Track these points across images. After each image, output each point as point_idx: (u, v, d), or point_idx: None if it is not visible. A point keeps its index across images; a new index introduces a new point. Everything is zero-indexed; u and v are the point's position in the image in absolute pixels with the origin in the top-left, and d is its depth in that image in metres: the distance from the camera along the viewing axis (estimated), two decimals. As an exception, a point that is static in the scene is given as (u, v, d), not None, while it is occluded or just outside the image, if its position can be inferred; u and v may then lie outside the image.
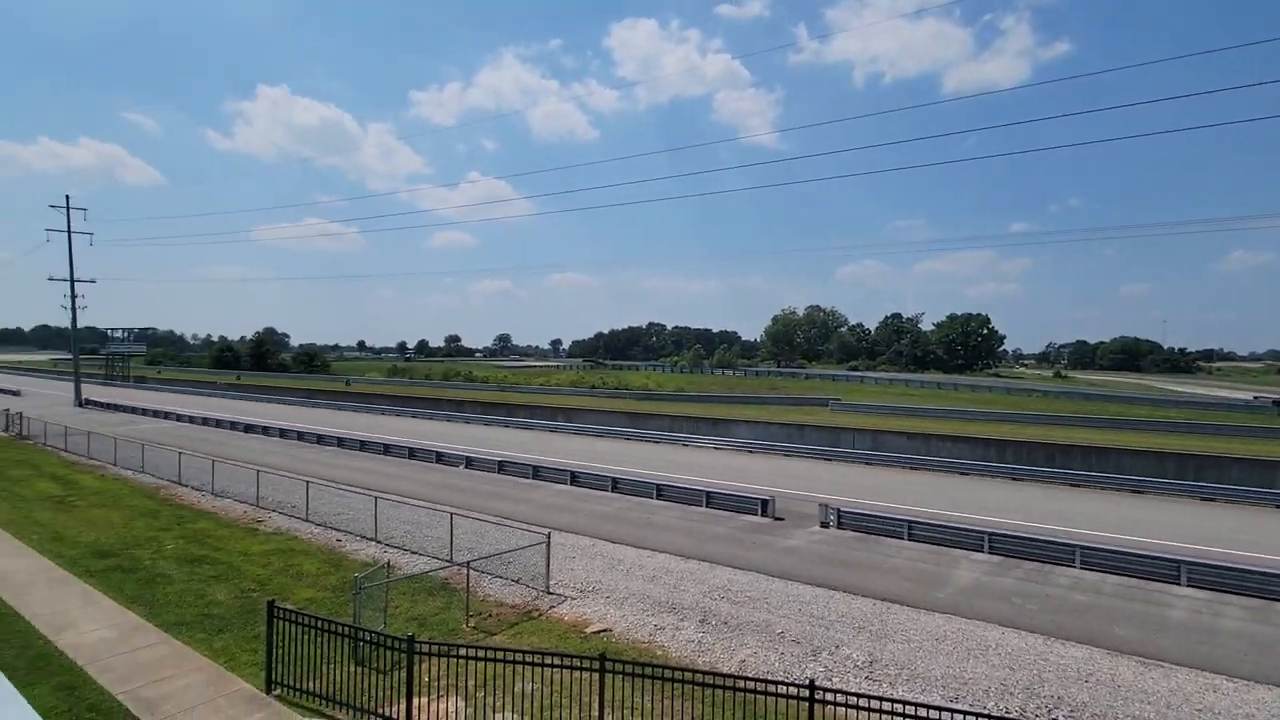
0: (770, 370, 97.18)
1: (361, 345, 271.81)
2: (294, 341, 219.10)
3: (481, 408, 53.22)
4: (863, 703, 7.15)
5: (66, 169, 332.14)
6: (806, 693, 7.43)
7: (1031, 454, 31.73)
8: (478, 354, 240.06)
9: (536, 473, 27.44)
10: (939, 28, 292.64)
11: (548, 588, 14.33)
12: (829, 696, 7.57)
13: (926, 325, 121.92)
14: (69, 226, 53.76)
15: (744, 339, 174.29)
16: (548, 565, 14.51)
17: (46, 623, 12.05)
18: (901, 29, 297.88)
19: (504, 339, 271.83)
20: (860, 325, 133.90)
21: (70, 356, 64.26)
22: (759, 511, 21.51)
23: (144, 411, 50.59)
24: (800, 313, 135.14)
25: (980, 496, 24.81)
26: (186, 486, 24.31)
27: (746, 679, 8.15)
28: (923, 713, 6.90)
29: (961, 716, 6.90)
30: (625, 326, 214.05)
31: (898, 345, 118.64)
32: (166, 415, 48.79)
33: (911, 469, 30.72)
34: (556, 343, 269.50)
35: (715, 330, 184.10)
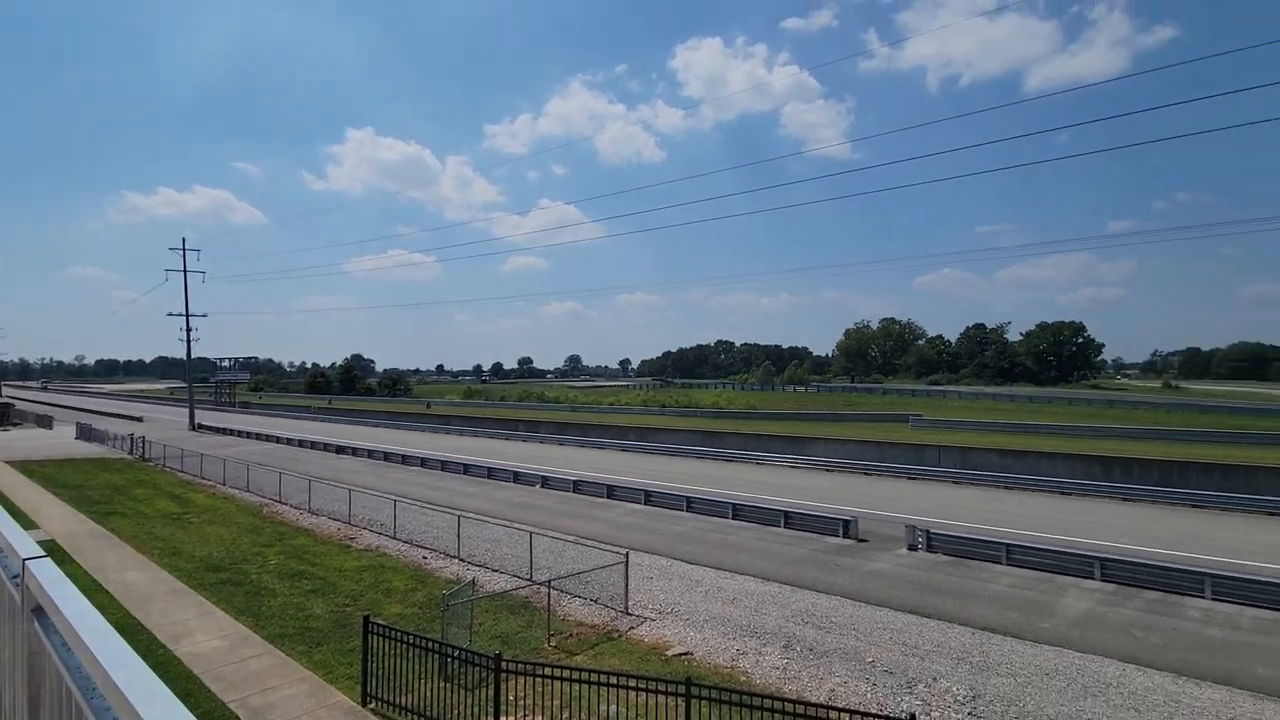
0: (844, 386, 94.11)
1: (440, 369, 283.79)
2: (379, 366, 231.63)
3: (554, 428, 54.17)
4: (971, 741, 6.63)
5: (183, 213, 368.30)
6: (907, 728, 6.98)
7: (1143, 471, 29.08)
8: (549, 375, 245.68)
9: (611, 492, 27.52)
10: (1020, 23, 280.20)
11: (626, 608, 14.23)
12: (932, 733, 7.07)
13: (1013, 335, 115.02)
14: (184, 266, 59.17)
15: (815, 354, 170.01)
16: (626, 585, 14.44)
17: (166, 632, 13.01)
18: (980, 28, 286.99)
19: (574, 360, 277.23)
20: (940, 337, 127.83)
21: (185, 384, 70.30)
22: (840, 533, 20.67)
23: (248, 434, 54.46)
24: (874, 325, 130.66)
25: (1086, 518, 22.91)
26: (286, 505, 25.86)
27: (840, 709, 7.76)
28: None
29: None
30: (693, 345, 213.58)
31: (981, 357, 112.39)
32: (268, 437, 52.32)
33: (1005, 488, 28.79)
34: (625, 362, 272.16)
35: (785, 346, 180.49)
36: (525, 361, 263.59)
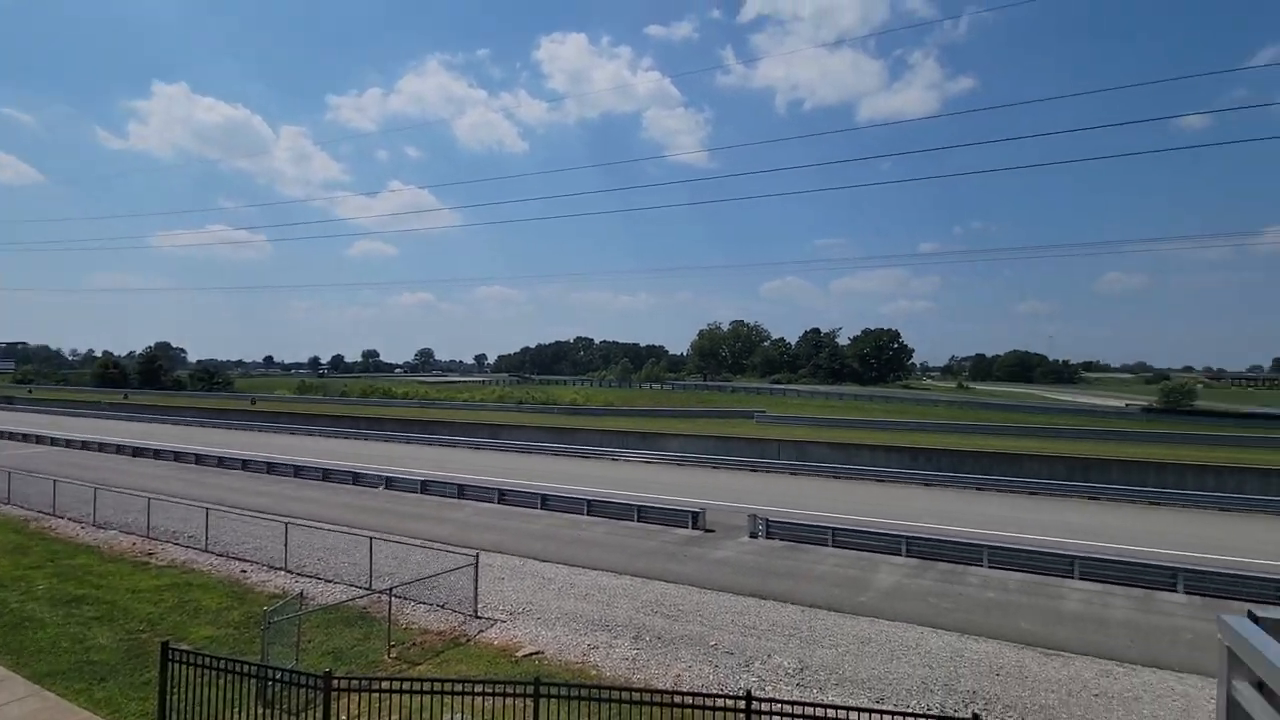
0: (696, 384, 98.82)
1: (269, 360, 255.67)
2: (192, 357, 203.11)
3: (401, 425, 51.08)
4: (797, 710, 7.24)
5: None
6: (743, 704, 7.45)
7: (940, 460, 33.67)
8: (397, 370, 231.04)
9: (462, 492, 26.50)
10: (854, 59, 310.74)
11: (476, 611, 13.78)
12: (764, 706, 7.62)
13: (843, 340, 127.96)
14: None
15: (671, 353, 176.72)
16: (475, 588, 13.97)
17: (-118, 682, 10.41)
18: (821, 58, 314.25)
19: (426, 354, 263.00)
20: (782, 339, 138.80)
21: (-81, 375, 56.69)
22: (690, 524, 21.64)
23: (11, 436, 45.29)
24: (725, 327, 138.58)
25: (898, 502, 26.03)
26: (63, 518, 21.85)
27: (682, 694, 8.09)
28: (853, 716, 7.06)
29: (889, 718, 7.11)
30: (552, 341, 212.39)
31: (817, 359, 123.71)
32: (39, 439, 43.88)
33: (834, 478, 31.87)
34: (481, 358, 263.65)
35: (643, 344, 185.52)
36: (371, 355, 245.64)
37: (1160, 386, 73.00)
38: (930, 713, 9.63)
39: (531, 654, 11.97)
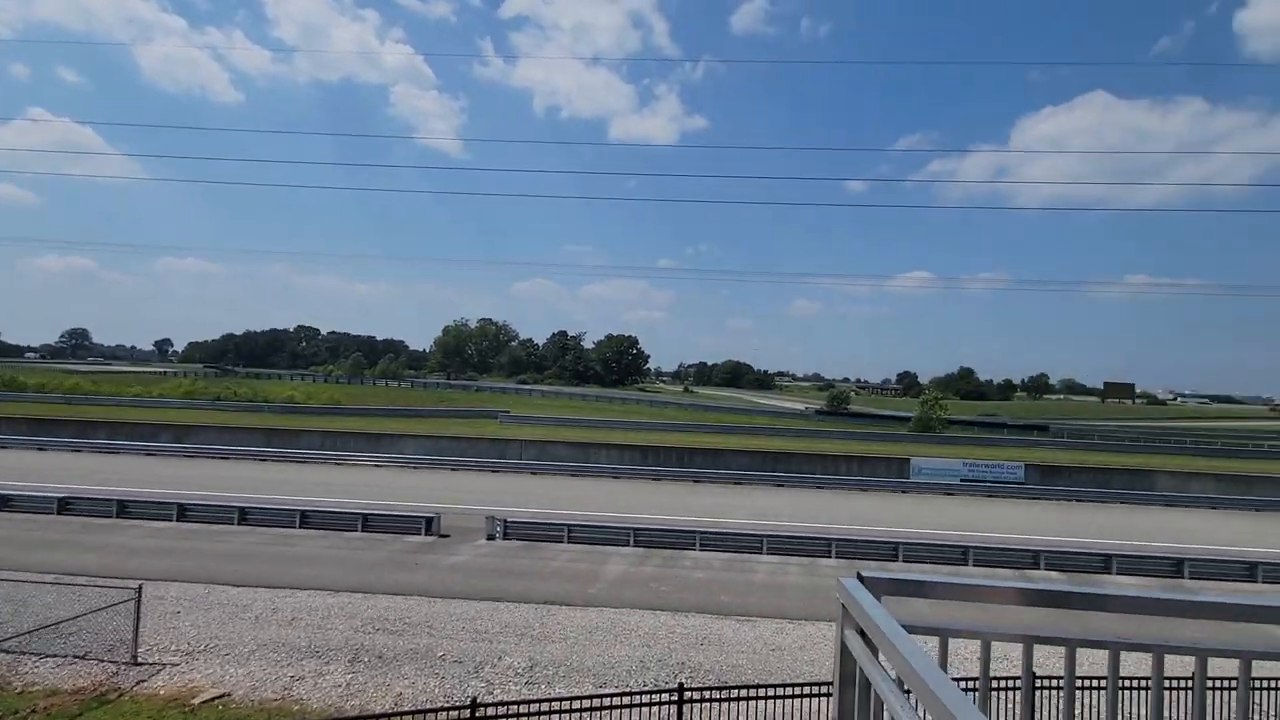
0: (439, 382, 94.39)
1: None
2: None
3: (32, 426, 39.15)
4: (521, 709, 7.25)
5: None
6: (467, 714, 7.21)
7: (667, 457, 37.29)
8: (30, 353, 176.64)
9: (124, 509, 21.26)
10: (609, 79, 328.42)
11: (135, 657, 11.08)
12: (489, 711, 7.48)
13: (589, 343, 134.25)
14: None
15: (413, 348, 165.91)
16: (136, 628, 11.24)
17: None
18: (579, 71, 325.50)
19: (79, 335, 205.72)
20: (530, 340, 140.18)
21: None
22: (424, 530, 20.45)
23: None
24: (473, 324, 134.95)
25: (631, 497, 28.04)
26: None
27: (402, 714, 7.54)
28: (575, 705, 7.33)
29: (604, 699, 7.54)
30: (266, 329, 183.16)
31: (563, 360, 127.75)
32: None
33: (574, 476, 33.09)
34: (165, 343, 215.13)
35: (380, 338, 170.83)
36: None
37: (828, 393, 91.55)
38: (644, 689, 10.48)
39: (214, 698, 10.04)
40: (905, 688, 1.14)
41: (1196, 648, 1.60)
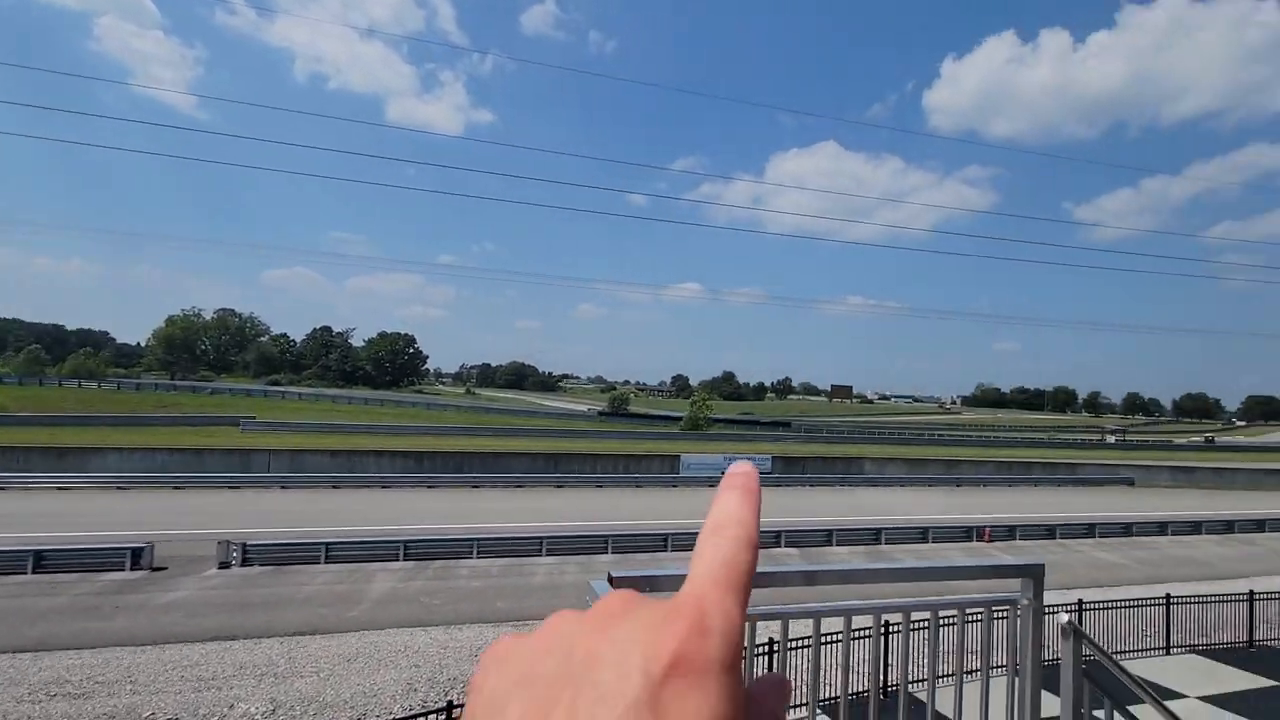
0: (161, 383, 78.22)
1: None
2: None
3: None
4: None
5: None
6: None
7: (444, 462, 35.46)
8: None
9: None
10: (387, 55, 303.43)
11: None
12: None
13: (358, 341, 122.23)
14: None
15: (122, 342, 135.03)
16: None
17: None
18: (351, 40, 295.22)
19: None
20: (285, 336, 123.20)
21: None
22: (127, 564, 16.66)
23: None
24: (209, 315, 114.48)
25: (402, 507, 26.04)
26: None
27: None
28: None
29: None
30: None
31: (326, 360, 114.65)
32: None
33: (335, 487, 29.80)
34: None
35: (72, 328, 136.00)
36: None
37: (609, 395, 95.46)
38: (408, 713, 9.78)
39: None
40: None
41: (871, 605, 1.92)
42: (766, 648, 8.48)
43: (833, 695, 8.69)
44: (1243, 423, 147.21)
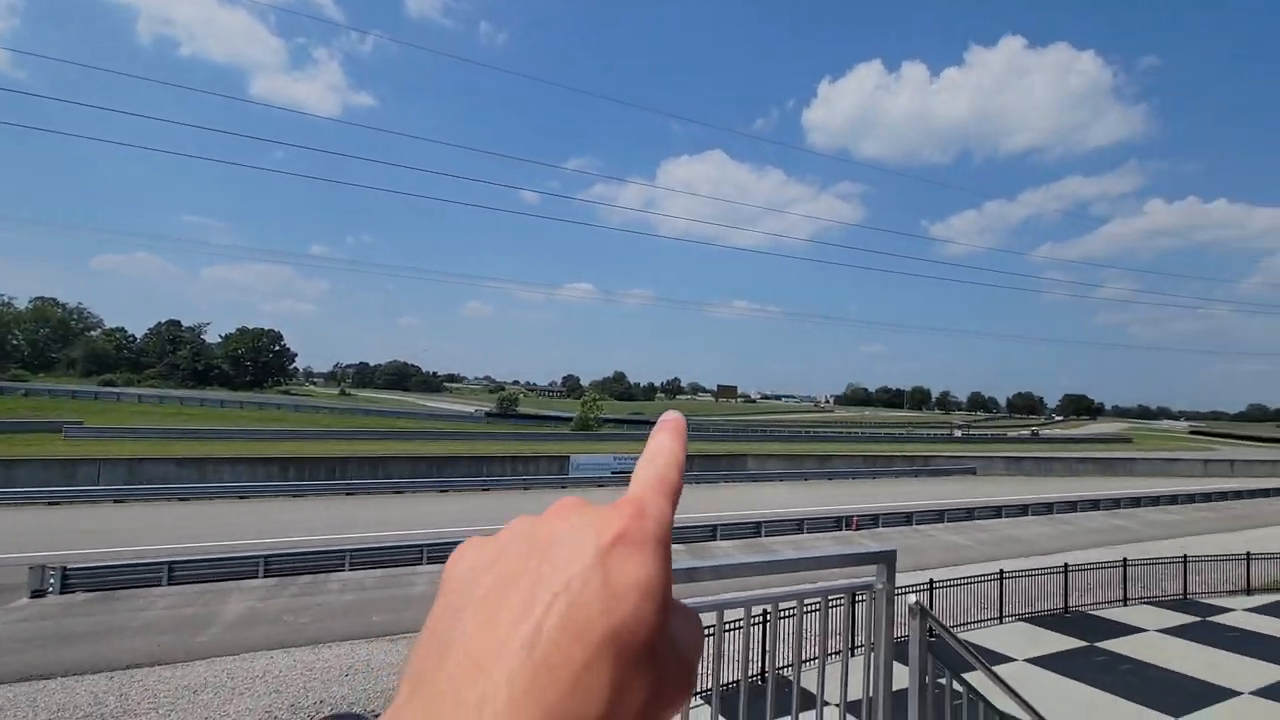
0: (-43, 384, 66.28)
1: None
2: None
3: None
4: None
5: None
6: None
7: (314, 469, 32.86)
8: None
9: None
10: (251, 24, 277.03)
11: None
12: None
13: (213, 337, 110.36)
14: None
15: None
16: None
17: None
18: (207, 3, 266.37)
19: None
20: (122, 330, 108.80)
21: None
22: (-95, 600, 13.94)
23: None
24: (22, 305, 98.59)
25: (262, 519, 23.78)
26: None
27: None
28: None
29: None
30: None
31: (173, 357, 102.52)
32: None
33: (181, 499, 26.68)
34: None
35: None
36: None
37: (498, 396, 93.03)
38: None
39: None
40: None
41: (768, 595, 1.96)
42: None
43: (705, 688, 8.94)
44: (1060, 418, 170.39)
